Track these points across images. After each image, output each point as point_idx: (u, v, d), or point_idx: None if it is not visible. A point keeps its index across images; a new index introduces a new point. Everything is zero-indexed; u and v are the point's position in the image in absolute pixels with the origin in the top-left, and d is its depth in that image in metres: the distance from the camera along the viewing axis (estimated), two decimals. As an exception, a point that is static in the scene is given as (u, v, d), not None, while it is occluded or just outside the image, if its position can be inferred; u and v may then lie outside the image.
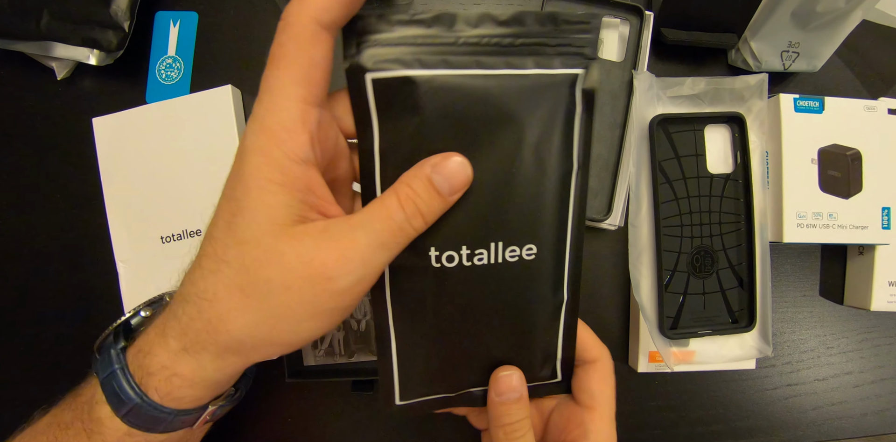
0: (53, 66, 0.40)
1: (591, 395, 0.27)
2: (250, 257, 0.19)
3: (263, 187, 0.19)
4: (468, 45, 0.20)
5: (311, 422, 0.40)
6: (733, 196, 0.39)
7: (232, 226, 0.20)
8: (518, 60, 0.21)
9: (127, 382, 0.23)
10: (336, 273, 0.19)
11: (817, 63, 0.40)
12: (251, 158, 0.19)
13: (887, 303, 0.39)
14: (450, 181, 0.20)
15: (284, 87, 0.19)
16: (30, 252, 0.40)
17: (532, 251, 0.23)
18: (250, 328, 0.20)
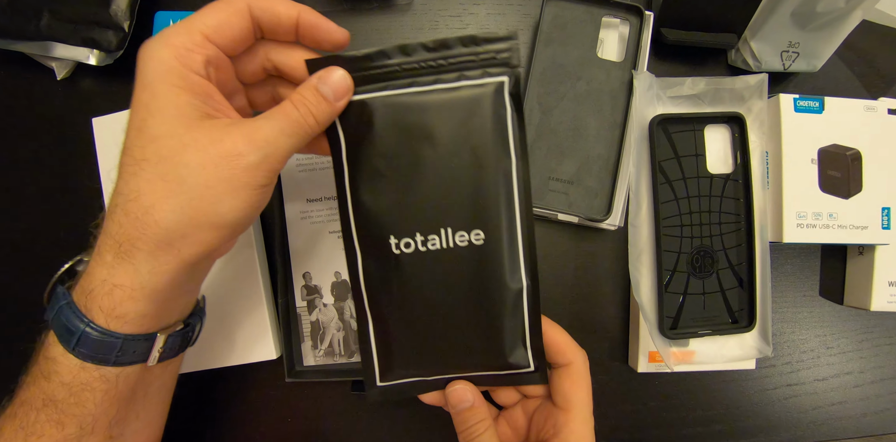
0: (53, 66, 0.40)
1: (565, 397, 0.28)
2: (167, 148, 0.22)
3: (169, 90, 0.22)
4: (405, 70, 0.26)
5: (311, 422, 0.40)
6: (733, 196, 0.39)
7: (143, 129, 0.22)
8: (446, 76, 0.26)
9: (73, 312, 0.23)
10: (245, 150, 0.22)
11: (817, 63, 0.40)
12: (154, 66, 0.22)
13: (887, 303, 0.39)
14: (333, 88, 0.24)
15: (197, 22, 0.23)
16: (29, 252, 0.40)
17: (480, 236, 0.26)
18: (175, 213, 0.22)
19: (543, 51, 0.39)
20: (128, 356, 0.24)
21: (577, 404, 0.28)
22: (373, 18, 0.41)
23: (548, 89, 0.38)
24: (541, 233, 0.41)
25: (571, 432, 0.27)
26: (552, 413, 0.29)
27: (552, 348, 0.28)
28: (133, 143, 0.22)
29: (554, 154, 0.38)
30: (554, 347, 0.28)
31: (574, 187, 0.38)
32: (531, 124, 0.38)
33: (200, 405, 0.40)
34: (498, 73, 0.26)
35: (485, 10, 0.42)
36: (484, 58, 0.26)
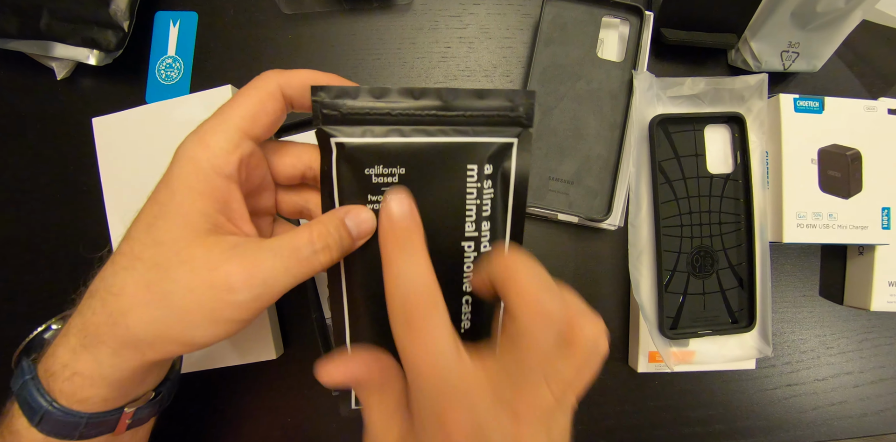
0: (53, 66, 0.40)
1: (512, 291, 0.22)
2: (164, 257, 0.21)
3: (186, 194, 0.21)
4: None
5: (312, 422, 0.40)
6: (733, 196, 0.39)
7: (152, 227, 0.22)
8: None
9: (37, 390, 0.23)
10: (237, 286, 0.21)
11: (817, 63, 0.40)
12: (182, 165, 0.22)
13: (887, 303, 0.39)
14: (359, 227, 0.23)
15: (234, 115, 0.22)
16: (29, 252, 0.40)
17: None
18: (149, 324, 0.21)
19: (543, 51, 0.39)
20: (93, 430, 0.24)
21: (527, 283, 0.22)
22: (373, 18, 0.41)
23: (548, 89, 0.38)
24: (541, 233, 0.41)
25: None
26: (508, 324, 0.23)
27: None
28: (137, 236, 0.22)
29: (554, 154, 0.38)
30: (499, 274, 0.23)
31: (574, 187, 0.38)
32: (531, 124, 0.38)
33: (200, 405, 0.40)
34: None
35: (485, 11, 0.42)
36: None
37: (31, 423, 0.23)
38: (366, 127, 0.24)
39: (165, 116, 0.38)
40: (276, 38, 0.41)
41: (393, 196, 0.23)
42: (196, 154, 0.22)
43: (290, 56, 0.41)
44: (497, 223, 0.26)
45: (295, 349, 0.40)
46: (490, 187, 0.25)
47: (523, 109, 0.25)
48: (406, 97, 0.24)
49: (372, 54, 0.41)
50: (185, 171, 0.22)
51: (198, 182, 0.21)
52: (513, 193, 0.26)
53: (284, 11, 0.41)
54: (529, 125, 0.26)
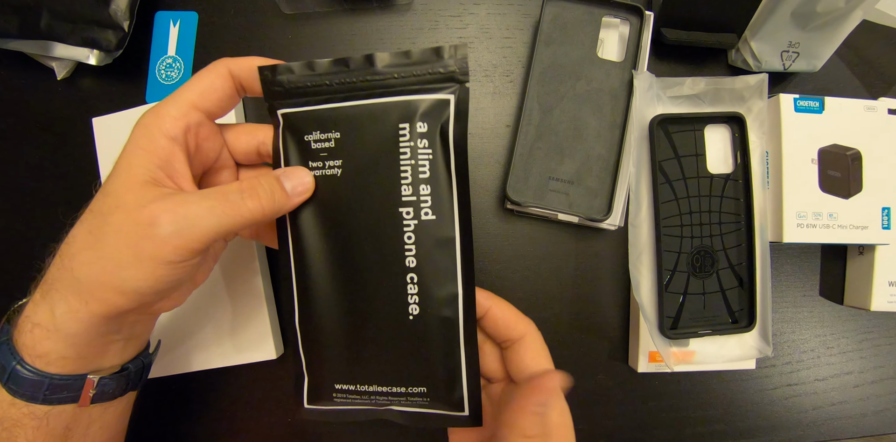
0: (53, 66, 0.40)
1: (527, 372, 0.26)
2: (106, 205, 0.23)
3: (132, 152, 0.23)
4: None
5: (311, 422, 0.40)
6: (733, 196, 0.39)
7: (105, 183, 0.24)
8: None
9: (7, 347, 0.24)
10: (159, 220, 0.22)
11: (817, 63, 0.40)
12: (134, 131, 0.24)
13: (887, 303, 0.39)
14: (294, 186, 0.25)
15: (183, 91, 0.25)
16: (29, 252, 0.40)
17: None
18: (87, 266, 0.23)
19: (543, 51, 0.39)
20: (57, 395, 0.24)
21: None
22: (373, 18, 0.41)
23: (548, 89, 0.38)
24: (541, 233, 0.41)
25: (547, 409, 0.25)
26: None
27: (501, 324, 0.27)
28: (96, 195, 0.24)
29: (554, 154, 0.38)
30: (503, 322, 0.27)
31: (574, 187, 0.38)
32: (531, 124, 0.38)
33: (200, 405, 0.40)
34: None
35: (485, 10, 0.42)
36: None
37: (1, 383, 0.24)
38: (306, 98, 0.26)
39: (165, 116, 0.38)
40: (276, 38, 0.41)
41: None
42: (146, 120, 0.24)
43: (291, 56, 0.41)
44: (439, 186, 0.25)
45: (295, 349, 0.40)
46: (426, 147, 0.25)
47: (455, 64, 0.25)
48: (339, 66, 0.25)
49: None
50: (136, 134, 0.24)
51: (144, 141, 0.24)
52: (454, 154, 0.25)
53: (284, 11, 0.41)
54: (464, 80, 0.25)
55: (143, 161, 0.23)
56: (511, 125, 0.41)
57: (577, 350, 0.41)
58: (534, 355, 0.26)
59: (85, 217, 0.24)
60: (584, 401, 0.41)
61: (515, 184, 0.38)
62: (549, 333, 0.40)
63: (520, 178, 0.38)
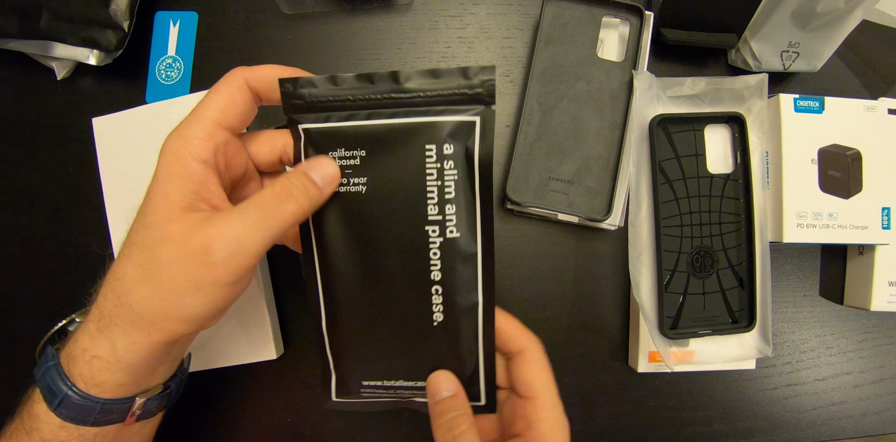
0: (53, 66, 0.40)
1: (528, 385, 0.27)
2: (150, 237, 0.23)
3: (165, 179, 0.23)
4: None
5: (311, 422, 0.40)
6: (733, 196, 0.39)
7: (142, 214, 0.24)
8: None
9: (58, 375, 0.25)
10: (211, 247, 0.22)
11: (817, 63, 0.40)
12: (163, 158, 0.24)
13: (887, 303, 0.39)
14: (323, 176, 0.25)
15: (206, 109, 0.24)
16: (29, 252, 0.40)
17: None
18: (146, 300, 0.23)
19: (543, 51, 0.39)
20: (106, 417, 0.25)
21: (542, 390, 0.27)
22: (373, 18, 0.41)
23: (548, 89, 0.38)
24: (541, 233, 0.41)
25: (543, 420, 0.26)
26: (518, 405, 0.28)
27: (502, 337, 0.28)
28: (133, 226, 0.24)
29: (554, 154, 0.38)
30: (504, 335, 0.28)
31: (574, 187, 0.38)
32: (531, 124, 0.38)
33: (201, 405, 0.40)
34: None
35: (485, 10, 0.42)
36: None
37: (50, 407, 0.25)
38: (329, 113, 0.25)
39: (165, 116, 0.38)
40: (276, 38, 0.41)
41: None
42: (174, 145, 0.24)
43: (291, 56, 0.41)
44: (462, 207, 0.25)
45: (295, 349, 0.40)
46: (452, 168, 0.25)
47: (481, 86, 0.25)
48: (363, 82, 0.25)
49: (372, 54, 0.41)
50: (166, 160, 0.24)
51: (176, 167, 0.23)
52: (478, 175, 0.25)
53: (284, 11, 0.41)
54: (491, 102, 0.25)
55: (178, 188, 0.23)
56: (511, 125, 0.41)
57: (577, 350, 0.41)
58: (532, 369, 0.27)
59: (130, 251, 0.24)
60: (584, 401, 0.41)
61: (515, 184, 0.38)
62: (549, 333, 0.40)
63: (520, 178, 0.38)
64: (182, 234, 0.22)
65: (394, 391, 0.28)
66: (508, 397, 0.29)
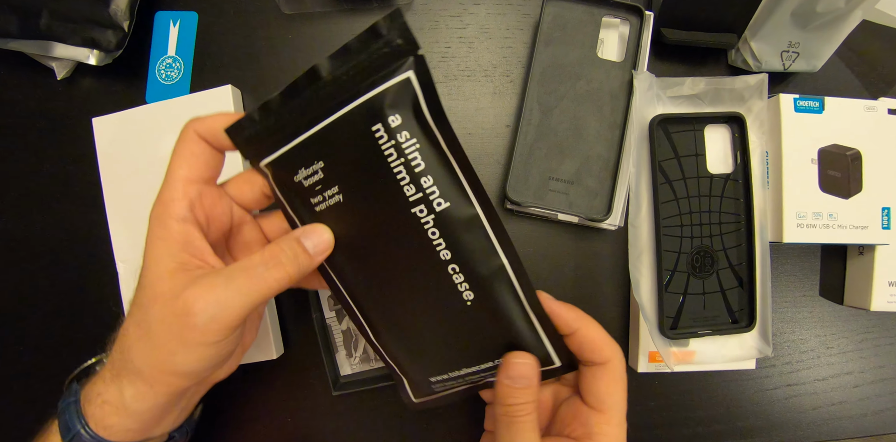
0: (53, 66, 0.40)
1: (599, 398, 0.27)
2: (145, 297, 0.24)
3: (153, 243, 0.25)
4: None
5: (311, 422, 0.40)
6: (733, 196, 0.39)
7: (140, 276, 0.25)
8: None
9: (76, 412, 0.26)
10: (193, 309, 0.23)
11: (817, 63, 0.40)
12: (149, 223, 0.25)
13: (887, 303, 0.39)
14: (315, 245, 0.25)
15: (173, 170, 0.25)
16: (29, 252, 0.40)
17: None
18: (143, 356, 0.25)
19: (543, 51, 0.39)
20: None
21: (613, 407, 0.27)
22: (373, 18, 0.41)
23: (548, 89, 0.38)
24: (541, 233, 0.41)
25: (605, 436, 0.26)
26: (582, 412, 0.27)
27: (587, 345, 0.27)
28: (136, 287, 0.25)
29: (554, 154, 0.38)
30: (589, 344, 0.27)
31: (574, 187, 0.38)
32: (531, 124, 0.38)
33: (200, 405, 0.39)
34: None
35: (485, 10, 0.42)
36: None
37: (64, 440, 0.26)
38: (275, 138, 0.25)
39: (165, 116, 0.38)
40: (276, 38, 0.41)
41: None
42: (156, 210, 0.25)
43: (291, 56, 0.41)
44: (439, 173, 0.23)
45: (295, 349, 0.40)
46: (408, 138, 0.23)
47: (397, 35, 0.22)
48: (290, 93, 0.24)
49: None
50: (151, 225, 0.25)
51: (160, 231, 0.25)
52: (438, 132, 0.23)
53: (284, 11, 0.41)
54: (415, 49, 0.22)
55: (164, 251, 0.24)
56: (511, 125, 0.41)
57: (577, 350, 0.41)
58: (609, 383, 0.27)
59: (132, 310, 0.25)
60: (584, 401, 0.41)
61: (515, 184, 0.38)
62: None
63: (520, 178, 0.38)
64: (171, 293, 0.23)
65: (462, 379, 0.28)
66: (573, 399, 0.28)
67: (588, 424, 0.27)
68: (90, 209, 0.39)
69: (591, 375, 0.27)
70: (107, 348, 0.28)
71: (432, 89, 0.23)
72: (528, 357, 0.26)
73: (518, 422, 0.25)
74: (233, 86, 0.39)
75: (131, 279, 0.38)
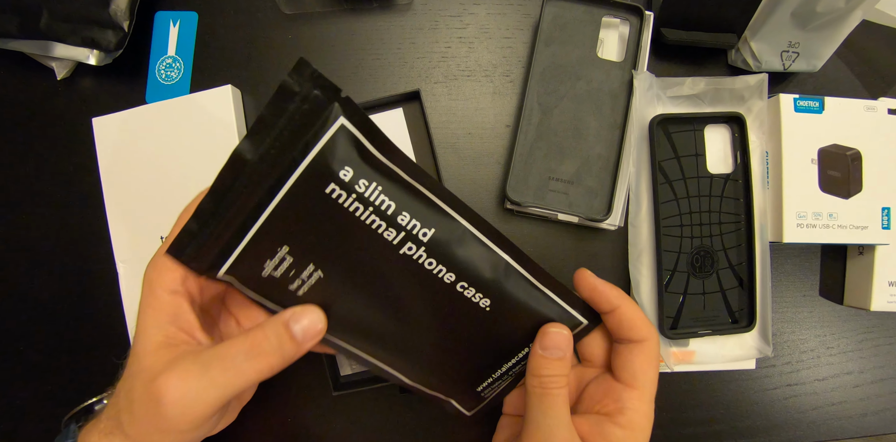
0: (53, 66, 0.40)
1: (632, 374, 0.27)
2: (134, 367, 0.24)
3: (144, 311, 0.24)
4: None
5: (311, 422, 0.40)
6: (733, 196, 0.39)
7: (133, 342, 0.25)
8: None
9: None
10: (164, 400, 0.22)
11: (817, 63, 0.40)
12: (143, 287, 0.25)
13: (887, 303, 0.39)
14: (305, 330, 0.23)
15: (169, 239, 0.24)
16: (30, 252, 0.40)
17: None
18: (128, 425, 0.24)
19: (543, 51, 0.39)
20: None
21: (646, 383, 0.27)
22: (373, 18, 0.41)
23: (548, 89, 0.38)
24: (541, 233, 0.41)
25: (637, 411, 0.27)
26: (615, 388, 0.28)
27: (626, 323, 0.27)
28: (130, 348, 0.25)
29: (554, 154, 0.38)
30: (628, 322, 0.27)
31: (574, 187, 0.38)
32: (531, 124, 0.38)
33: None
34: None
35: (485, 10, 0.42)
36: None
37: None
38: (224, 244, 0.23)
39: (165, 116, 0.38)
40: (276, 38, 0.41)
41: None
42: (149, 276, 0.25)
43: (291, 56, 0.41)
44: (411, 203, 0.23)
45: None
46: (368, 184, 0.22)
47: (310, 87, 0.20)
48: (222, 189, 0.22)
49: (372, 54, 0.41)
50: (144, 291, 0.25)
51: (150, 299, 0.24)
52: (391, 163, 0.22)
53: (284, 11, 0.41)
54: (335, 93, 0.20)
55: (153, 321, 0.24)
56: (511, 125, 0.41)
57: (577, 350, 0.41)
58: (645, 360, 0.28)
59: (124, 374, 0.25)
60: (584, 401, 0.41)
61: (515, 184, 0.38)
62: (549, 333, 0.40)
63: (520, 178, 0.38)
64: (150, 373, 0.23)
65: (505, 375, 0.28)
66: (604, 376, 0.29)
67: (621, 399, 0.27)
68: (90, 209, 0.39)
69: (628, 352, 0.28)
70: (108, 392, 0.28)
71: (370, 124, 0.21)
72: (561, 327, 0.27)
73: (551, 395, 0.26)
74: (233, 86, 0.39)
75: (131, 279, 0.38)
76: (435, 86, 0.41)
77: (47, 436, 0.33)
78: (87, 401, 0.31)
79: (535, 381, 0.26)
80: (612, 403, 0.27)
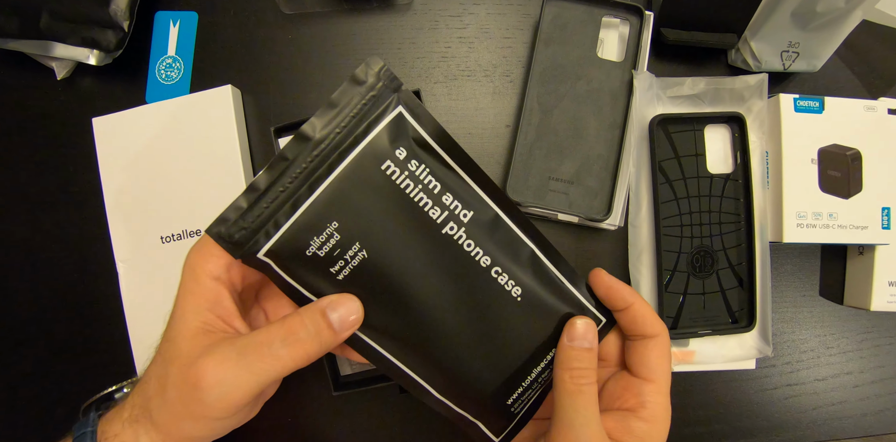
0: (53, 66, 0.40)
1: (649, 368, 0.28)
2: (168, 352, 0.24)
3: (183, 296, 0.24)
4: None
5: (310, 422, 0.40)
6: (733, 196, 0.39)
7: (167, 325, 0.25)
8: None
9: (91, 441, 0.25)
10: (202, 384, 0.22)
11: (817, 63, 0.40)
12: (183, 272, 0.24)
13: (887, 303, 0.39)
14: (343, 318, 0.23)
15: None
16: (29, 252, 0.40)
17: None
18: (157, 411, 0.24)
19: (543, 51, 0.39)
20: None
21: (661, 376, 0.28)
22: (373, 18, 0.41)
23: (548, 89, 0.39)
24: (541, 233, 0.41)
25: (657, 403, 0.27)
26: (633, 384, 0.28)
27: (640, 319, 0.28)
28: (163, 333, 0.25)
29: (554, 154, 0.38)
30: (642, 318, 0.28)
31: (574, 187, 0.38)
32: (531, 124, 0.38)
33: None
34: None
35: (485, 10, 0.42)
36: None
37: None
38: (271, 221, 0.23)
39: (165, 116, 0.38)
40: (276, 38, 0.41)
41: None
42: (193, 260, 0.24)
43: (291, 56, 0.41)
44: (455, 188, 0.24)
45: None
46: (418, 165, 0.24)
47: (379, 78, 0.23)
48: (279, 165, 0.23)
49: (372, 54, 0.41)
50: (185, 276, 0.24)
51: (192, 284, 0.24)
52: (443, 151, 0.24)
53: (284, 11, 0.41)
54: (398, 85, 0.24)
55: (193, 306, 0.24)
56: (511, 125, 0.41)
57: (577, 350, 0.41)
58: (659, 355, 0.28)
59: (156, 359, 0.25)
60: (584, 401, 0.41)
61: (515, 184, 0.38)
62: (549, 333, 0.40)
63: (520, 178, 0.38)
64: (187, 357, 0.23)
65: (535, 383, 0.29)
66: (620, 374, 0.30)
67: (641, 393, 0.28)
68: (90, 209, 0.39)
69: (644, 347, 0.28)
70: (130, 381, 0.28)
71: (426, 114, 0.24)
72: (587, 318, 0.28)
73: (582, 392, 0.26)
74: (233, 86, 0.39)
75: (131, 279, 0.38)
76: (435, 86, 0.41)
77: (47, 436, 0.33)
78: (108, 388, 0.31)
79: (566, 374, 0.26)
80: (632, 398, 0.28)
